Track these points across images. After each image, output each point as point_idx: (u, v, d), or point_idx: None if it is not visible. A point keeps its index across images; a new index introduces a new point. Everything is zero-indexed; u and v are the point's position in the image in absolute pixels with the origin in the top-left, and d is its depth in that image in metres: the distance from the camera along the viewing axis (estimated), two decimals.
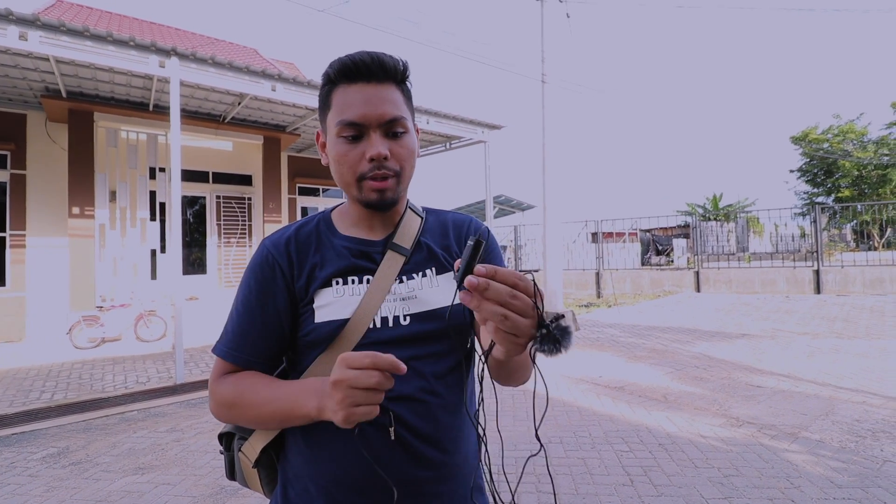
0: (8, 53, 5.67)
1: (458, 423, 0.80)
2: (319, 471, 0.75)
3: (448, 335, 0.79)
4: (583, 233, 16.23)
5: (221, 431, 0.88)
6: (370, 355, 0.58)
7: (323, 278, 0.78)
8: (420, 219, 0.86)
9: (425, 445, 0.75)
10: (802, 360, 5.53)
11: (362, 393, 0.58)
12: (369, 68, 0.74)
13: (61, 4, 10.05)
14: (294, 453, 0.79)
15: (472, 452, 0.83)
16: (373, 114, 0.73)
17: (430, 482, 0.75)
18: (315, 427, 0.76)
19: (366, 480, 0.73)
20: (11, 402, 4.45)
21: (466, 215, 0.93)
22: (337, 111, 0.75)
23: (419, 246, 0.83)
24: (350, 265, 0.79)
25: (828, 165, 23.74)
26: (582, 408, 4.08)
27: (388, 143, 0.75)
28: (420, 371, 0.76)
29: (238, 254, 9.49)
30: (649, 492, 2.64)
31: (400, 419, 0.74)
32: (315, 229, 0.83)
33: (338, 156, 0.76)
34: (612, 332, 7.80)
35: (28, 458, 3.26)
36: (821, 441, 3.25)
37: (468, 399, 0.83)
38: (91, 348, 6.75)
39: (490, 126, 8.97)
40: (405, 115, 0.76)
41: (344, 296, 0.77)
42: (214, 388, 0.78)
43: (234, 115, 8.28)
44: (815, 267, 11.79)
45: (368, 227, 0.83)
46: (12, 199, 7.50)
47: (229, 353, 0.79)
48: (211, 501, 2.64)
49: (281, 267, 0.78)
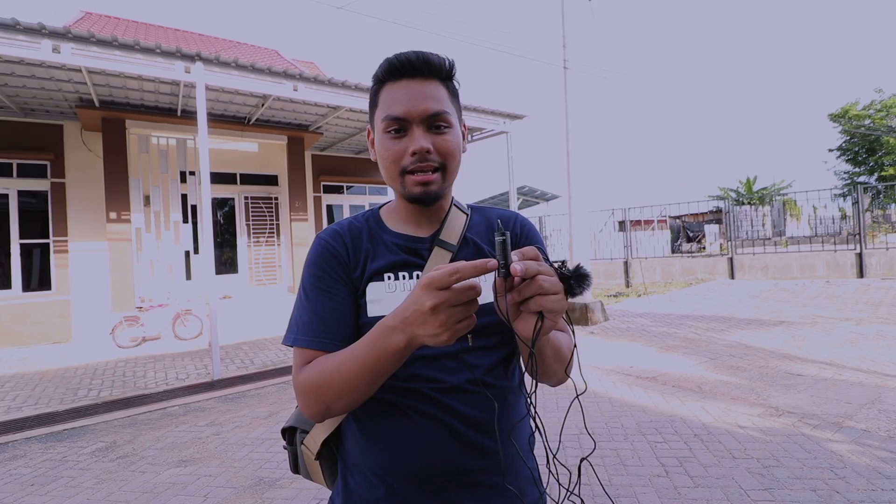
0: (43, 66, 5.91)
1: (509, 414, 0.80)
2: (376, 460, 0.77)
3: (497, 329, 0.78)
4: (610, 221, 15.92)
5: (284, 426, 0.90)
6: (452, 269, 0.56)
7: (374, 270, 0.79)
8: (465, 216, 0.87)
9: (478, 434, 0.75)
10: (845, 347, 5.30)
11: (462, 308, 0.57)
12: (414, 65, 0.76)
13: (90, 17, 10.41)
14: (352, 444, 0.81)
15: (524, 444, 0.83)
16: (416, 109, 0.75)
17: (485, 472, 0.76)
18: (370, 418, 0.78)
19: (422, 469, 0.75)
20: (62, 399, 4.69)
21: (513, 211, 0.93)
22: (383, 108, 0.77)
23: (465, 242, 0.84)
24: (401, 260, 0.80)
25: (870, 143, 22.53)
26: (613, 398, 4.02)
27: (432, 137, 0.76)
28: (470, 364, 0.76)
29: (267, 253, 9.71)
30: (685, 483, 2.59)
31: (451, 409, 0.75)
32: (366, 224, 0.85)
33: (383, 151, 0.78)
34: (643, 321, 7.64)
35: (79, 452, 3.43)
36: (867, 430, 3.11)
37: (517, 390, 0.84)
38: (133, 347, 7.05)
39: (512, 116, 8.87)
40: (448, 111, 0.77)
41: (396, 291, 0.78)
42: (300, 381, 0.73)
43: (258, 116, 8.44)
44: (858, 250, 11.24)
45: (416, 224, 0.84)
46: (54, 207, 7.86)
47: (310, 340, 0.75)
48: (251, 492, 2.73)
49: (339, 257, 0.80)
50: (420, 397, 0.75)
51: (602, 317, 7.70)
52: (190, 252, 8.27)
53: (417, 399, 0.75)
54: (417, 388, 0.75)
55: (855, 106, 22.91)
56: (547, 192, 19.79)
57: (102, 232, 7.85)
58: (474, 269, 0.56)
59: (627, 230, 14.73)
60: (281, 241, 9.81)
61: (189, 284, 8.29)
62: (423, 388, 0.75)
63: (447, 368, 0.76)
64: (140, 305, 7.59)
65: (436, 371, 0.76)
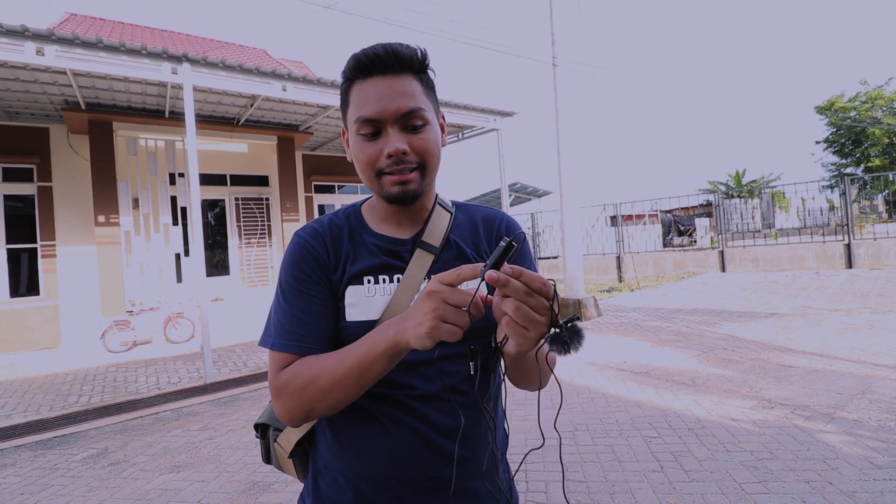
0: (27, 69, 5.81)
1: (482, 421, 0.80)
2: (348, 464, 0.77)
3: (476, 335, 0.78)
4: (601, 217, 16.00)
5: (257, 422, 0.90)
6: (458, 269, 0.59)
7: (354, 273, 0.77)
8: (449, 214, 0.85)
9: (450, 443, 0.75)
10: (836, 337, 5.36)
11: (453, 310, 0.57)
12: (383, 60, 0.72)
13: (74, 18, 10.26)
14: (324, 446, 0.81)
15: (498, 449, 0.83)
16: (388, 108, 0.71)
17: (456, 478, 0.75)
18: (344, 423, 0.77)
19: (392, 475, 0.74)
20: (52, 406, 4.63)
21: (498, 211, 0.90)
22: (354, 108, 0.74)
23: (448, 244, 0.82)
24: (382, 262, 0.78)
25: (856, 134, 22.84)
26: (607, 394, 4.04)
27: (407, 136, 0.73)
28: (447, 371, 0.76)
29: (259, 254, 9.64)
30: (680, 477, 2.60)
31: (424, 417, 0.74)
32: (346, 222, 0.82)
33: (357, 153, 0.75)
34: (636, 316, 7.68)
35: (69, 459, 3.39)
36: (858, 421, 3.15)
37: (493, 396, 0.83)
38: (124, 351, 6.97)
39: (502, 113, 8.87)
40: (423, 107, 0.74)
41: (375, 295, 0.77)
42: (280, 384, 0.71)
43: (248, 116, 8.36)
44: (846, 241, 11.38)
45: (397, 224, 0.82)
46: (41, 211, 7.74)
47: (287, 344, 0.73)
48: (244, 497, 2.70)
49: (319, 258, 0.77)
50: (395, 404, 0.75)
51: (595, 312, 7.73)
52: (181, 254, 8.19)
53: (392, 406, 0.75)
54: (393, 395, 0.75)
55: (841, 98, 23.19)
56: (539, 188, 19.82)
57: (91, 236, 7.74)
58: (472, 270, 0.58)
59: (619, 225, 14.79)
60: (272, 241, 9.75)
61: (180, 287, 8.21)
62: (398, 394, 0.75)
63: (424, 376, 0.75)
64: (130, 309, 7.50)
65: (413, 378, 0.75)
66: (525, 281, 0.53)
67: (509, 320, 0.55)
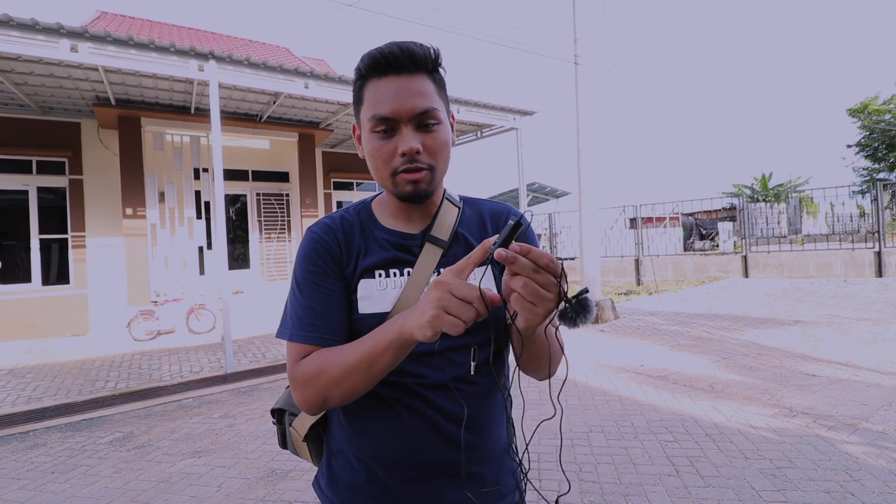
0: (61, 66, 6.01)
1: (492, 408, 0.83)
2: (360, 447, 0.80)
3: (484, 326, 0.79)
4: (621, 218, 15.78)
5: (273, 407, 0.94)
6: (468, 256, 0.61)
7: (366, 267, 0.80)
8: (457, 209, 0.86)
9: (459, 429, 0.77)
10: (862, 347, 5.21)
11: (458, 302, 0.57)
12: (398, 60, 0.73)
13: (105, 16, 10.56)
14: (337, 430, 0.84)
15: (507, 435, 0.86)
16: (403, 108, 0.73)
17: (466, 464, 0.78)
18: (357, 408, 0.80)
19: (403, 458, 0.77)
20: (80, 390, 4.80)
21: (504, 204, 0.92)
22: (369, 106, 0.75)
23: (456, 238, 0.84)
24: (392, 257, 0.81)
25: (890, 138, 22.04)
26: (623, 397, 4.00)
27: (421, 136, 0.74)
28: (456, 361, 0.78)
29: (279, 249, 9.79)
30: (696, 482, 2.57)
31: (434, 404, 0.77)
32: (357, 218, 0.85)
33: (371, 151, 0.77)
34: (654, 320, 7.58)
35: (97, 441, 3.52)
36: (883, 432, 3.06)
37: (503, 382, 0.85)
38: (148, 340, 7.17)
39: (522, 112, 8.82)
40: (437, 107, 0.75)
41: (386, 288, 0.79)
42: (297, 374, 0.74)
43: (270, 113, 8.50)
44: (877, 248, 11.01)
45: (406, 220, 0.84)
46: (72, 203, 8.01)
47: (305, 335, 0.76)
48: (263, 483, 2.77)
49: (332, 252, 0.80)
50: (406, 391, 0.77)
51: (612, 315, 7.65)
52: (203, 248, 8.38)
53: (404, 393, 0.77)
54: (404, 383, 0.77)
55: (875, 100, 22.39)
56: (557, 188, 19.68)
57: (119, 227, 7.98)
58: (482, 251, 0.60)
59: (639, 227, 14.58)
60: (292, 237, 9.89)
61: (202, 279, 8.40)
62: (409, 382, 0.77)
63: (433, 365, 0.78)
64: (155, 300, 7.71)
65: (423, 367, 0.77)
66: (533, 258, 0.55)
67: (518, 296, 0.57)
